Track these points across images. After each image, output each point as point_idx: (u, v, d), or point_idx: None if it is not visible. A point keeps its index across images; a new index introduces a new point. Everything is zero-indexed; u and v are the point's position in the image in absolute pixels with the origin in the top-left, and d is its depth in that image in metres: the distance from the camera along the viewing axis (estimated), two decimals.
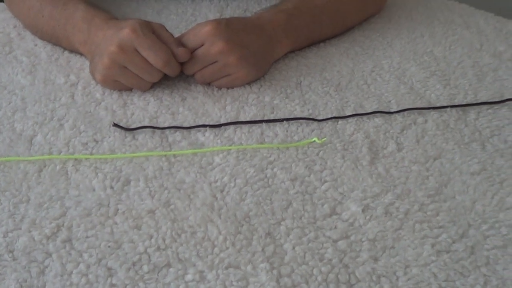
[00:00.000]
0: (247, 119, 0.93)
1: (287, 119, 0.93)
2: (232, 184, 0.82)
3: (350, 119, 0.94)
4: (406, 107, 0.96)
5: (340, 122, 0.93)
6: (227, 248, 0.73)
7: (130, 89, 0.99)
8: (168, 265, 0.71)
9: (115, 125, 0.91)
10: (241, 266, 0.71)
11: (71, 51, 1.10)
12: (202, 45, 0.96)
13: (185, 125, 0.92)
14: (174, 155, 0.87)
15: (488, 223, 0.76)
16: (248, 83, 1.01)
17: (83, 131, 0.91)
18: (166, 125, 0.92)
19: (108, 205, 0.79)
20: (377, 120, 0.94)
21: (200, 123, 0.93)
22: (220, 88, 1.00)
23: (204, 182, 0.82)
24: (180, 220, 0.76)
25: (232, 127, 0.92)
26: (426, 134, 0.91)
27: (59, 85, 1.02)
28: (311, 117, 0.94)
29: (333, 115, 0.94)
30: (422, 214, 0.78)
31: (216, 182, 0.82)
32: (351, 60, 1.10)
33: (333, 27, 1.15)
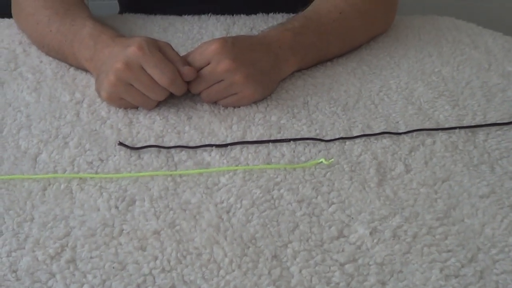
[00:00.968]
0: (254, 139, 0.93)
1: (294, 139, 0.92)
2: (238, 205, 0.81)
3: (358, 140, 0.93)
4: (414, 128, 0.95)
5: (348, 142, 0.92)
6: (233, 271, 0.72)
7: (136, 107, 0.98)
8: (173, 287, 0.70)
9: (121, 144, 0.90)
10: None
11: (77, 67, 1.09)
12: (209, 63, 0.96)
13: (191, 144, 0.92)
14: (180, 175, 0.86)
15: (497, 247, 0.75)
16: (255, 102, 1.01)
17: (88, 150, 0.90)
18: (171, 144, 0.91)
19: (113, 225, 0.78)
20: (385, 141, 0.93)
21: (206, 143, 0.92)
22: (227, 107, 0.99)
23: (210, 203, 0.81)
24: (185, 242, 0.75)
25: (238, 147, 0.91)
26: (434, 156, 0.90)
27: (65, 103, 1.01)
28: (318, 137, 0.93)
29: (341, 136, 0.93)
30: (430, 238, 0.76)
31: (222, 203, 0.81)
32: (358, 79, 1.09)
33: (340, 46, 1.14)
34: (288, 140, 0.92)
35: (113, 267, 0.72)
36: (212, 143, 0.92)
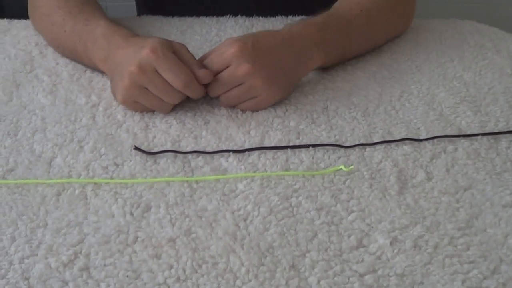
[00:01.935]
0: (272, 145, 0.91)
1: (313, 145, 0.90)
2: (256, 213, 0.79)
3: (378, 146, 0.91)
4: (435, 135, 0.93)
5: (368, 149, 0.90)
6: (249, 281, 0.70)
7: (152, 111, 0.97)
8: None
9: (136, 148, 0.89)
10: None
11: (91, 68, 1.08)
12: (227, 66, 0.94)
13: (208, 149, 0.90)
14: (197, 181, 0.84)
15: None
16: (273, 107, 0.99)
17: (104, 154, 0.89)
18: (188, 149, 0.90)
19: (127, 232, 0.76)
20: (406, 147, 0.91)
21: (224, 148, 0.90)
22: (244, 112, 0.98)
23: (227, 210, 0.79)
24: (201, 250, 0.74)
25: (256, 153, 0.89)
26: (456, 163, 0.88)
27: (80, 106, 1.00)
28: (338, 143, 0.91)
29: (361, 142, 0.91)
30: (452, 248, 0.75)
31: (239, 210, 0.80)
32: (379, 84, 1.07)
33: (362, 43, 1.13)
34: (307, 146, 0.90)
35: (127, 276, 0.71)
36: (230, 148, 0.90)
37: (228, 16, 1.26)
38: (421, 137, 0.93)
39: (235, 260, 0.72)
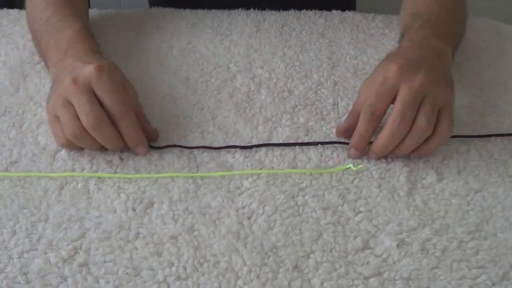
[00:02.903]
0: (280, 141, 0.89)
1: (322, 143, 0.88)
2: (261, 211, 0.78)
3: None
4: None
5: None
6: (251, 281, 0.69)
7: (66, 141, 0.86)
8: None
9: None
10: None
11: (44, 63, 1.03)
12: (396, 94, 0.84)
13: (214, 145, 0.88)
14: (201, 177, 0.83)
15: None
16: (282, 102, 0.97)
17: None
18: (194, 144, 0.88)
19: (129, 228, 0.75)
20: None
21: (231, 143, 0.89)
22: (253, 107, 0.96)
23: (231, 208, 0.78)
24: (203, 248, 0.72)
25: (263, 149, 0.88)
26: (468, 165, 0.86)
27: None
28: (348, 141, 0.89)
29: (371, 140, 0.89)
30: (460, 252, 0.73)
31: (243, 208, 0.78)
32: None
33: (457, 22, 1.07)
34: (315, 144, 0.88)
35: (127, 273, 0.69)
36: (237, 144, 0.88)
37: (240, 9, 1.24)
38: None
39: (237, 260, 0.71)
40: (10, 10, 1.24)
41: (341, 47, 1.13)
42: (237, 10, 1.25)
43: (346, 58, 1.10)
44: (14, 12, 1.23)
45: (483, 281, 0.69)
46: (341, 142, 0.89)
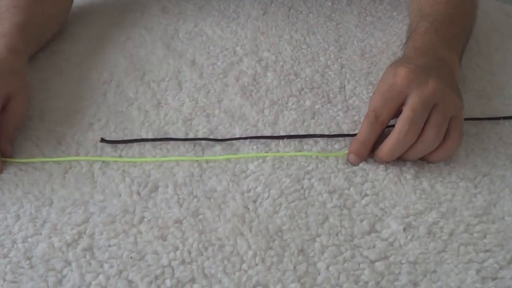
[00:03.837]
0: (286, 125, 0.88)
1: (328, 136, 0.87)
2: (266, 195, 0.77)
3: None
4: None
5: (385, 130, 0.87)
6: (256, 265, 0.68)
7: None
8: (192, 280, 0.67)
9: (103, 140, 0.85)
10: (270, 285, 0.66)
11: None
12: (405, 98, 0.80)
13: (220, 128, 0.88)
14: (207, 161, 0.82)
15: None
16: (289, 85, 0.97)
17: (113, 132, 0.87)
18: (200, 128, 0.88)
19: (133, 212, 0.75)
20: None
21: (237, 127, 0.88)
22: (259, 90, 0.95)
23: (236, 191, 0.77)
24: (208, 232, 0.72)
25: (269, 134, 0.87)
26: (476, 148, 0.85)
27: (92, 82, 0.98)
28: (355, 123, 0.88)
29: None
30: (467, 236, 0.72)
31: (249, 191, 0.77)
32: None
33: (465, 20, 1.01)
34: (322, 136, 0.87)
35: (131, 257, 0.69)
36: (242, 127, 0.88)
37: None
38: None
39: (242, 243, 0.70)
40: None
41: (348, 29, 1.12)
42: None
43: (353, 41, 1.09)
44: None
45: (490, 265, 0.69)
46: (347, 135, 0.87)
